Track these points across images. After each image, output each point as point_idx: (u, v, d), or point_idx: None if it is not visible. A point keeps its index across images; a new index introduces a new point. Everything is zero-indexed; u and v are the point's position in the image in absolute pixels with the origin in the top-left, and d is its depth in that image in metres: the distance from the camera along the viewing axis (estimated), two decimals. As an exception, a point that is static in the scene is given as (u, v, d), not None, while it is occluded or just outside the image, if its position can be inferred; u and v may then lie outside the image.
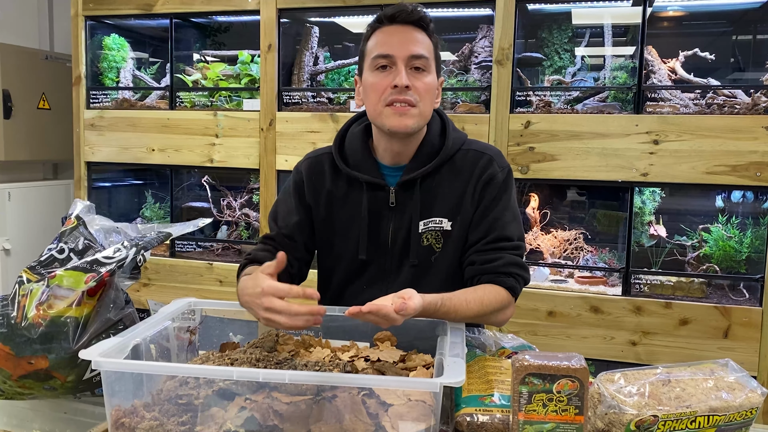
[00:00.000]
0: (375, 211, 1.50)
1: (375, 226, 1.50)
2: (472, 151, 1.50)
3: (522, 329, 2.65)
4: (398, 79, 1.37)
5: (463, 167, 1.49)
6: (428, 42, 1.42)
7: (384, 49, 1.39)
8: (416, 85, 1.39)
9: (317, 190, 1.54)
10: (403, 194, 1.48)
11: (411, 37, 1.40)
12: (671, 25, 2.92)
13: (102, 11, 3.25)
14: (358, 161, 1.51)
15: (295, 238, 1.54)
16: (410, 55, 1.38)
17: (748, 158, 2.42)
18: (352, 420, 1.00)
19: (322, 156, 1.57)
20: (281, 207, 1.59)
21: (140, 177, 3.70)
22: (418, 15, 1.41)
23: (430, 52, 1.42)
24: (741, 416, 1.05)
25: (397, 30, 1.40)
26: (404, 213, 1.48)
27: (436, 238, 1.48)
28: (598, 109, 2.63)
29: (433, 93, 1.44)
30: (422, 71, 1.40)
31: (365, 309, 1.12)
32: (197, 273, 3.14)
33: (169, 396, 1.07)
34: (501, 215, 1.46)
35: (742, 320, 2.45)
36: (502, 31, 2.64)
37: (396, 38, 1.39)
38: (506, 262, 1.43)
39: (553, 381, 1.00)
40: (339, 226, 1.54)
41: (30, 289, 1.23)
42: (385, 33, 1.41)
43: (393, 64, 1.39)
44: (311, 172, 1.56)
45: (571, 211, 3.00)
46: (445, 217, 1.47)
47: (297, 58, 3.10)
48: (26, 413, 1.29)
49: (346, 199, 1.52)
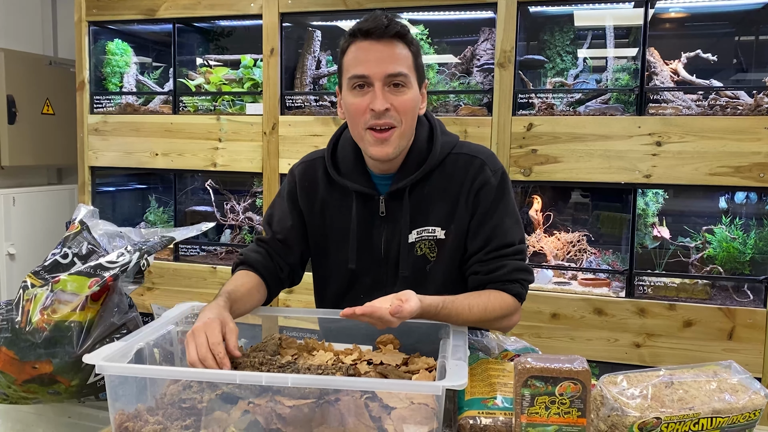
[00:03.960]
0: (366, 220, 1.47)
1: (367, 236, 1.48)
2: (462, 155, 1.46)
3: (526, 332, 2.65)
4: (375, 103, 1.32)
5: (455, 173, 1.45)
6: (407, 54, 1.36)
7: (360, 69, 1.34)
8: (395, 104, 1.34)
9: (310, 196, 1.52)
10: (393, 203, 1.45)
11: (388, 54, 1.33)
12: (673, 27, 2.91)
13: (105, 17, 3.26)
14: (349, 169, 1.48)
15: (288, 243, 1.53)
16: (387, 74, 1.33)
17: (751, 159, 2.41)
18: (355, 423, 1.00)
19: (316, 161, 1.55)
20: (276, 210, 1.57)
21: (144, 181, 3.72)
22: (395, 29, 1.34)
23: (410, 66, 1.36)
24: (744, 418, 1.05)
25: (373, 47, 1.33)
26: (396, 223, 1.46)
27: (430, 247, 1.46)
28: (601, 111, 2.63)
29: (415, 108, 1.39)
30: (401, 87, 1.35)
31: (359, 311, 1.13)
32: (201, 277, 3.15)
33: (172, 400, 1.07)
34: (500, 221, 1.44)
35: (746, 322, 2.44)
36: (504, 34, 2.65)
37: (372, 56, 1.33)
38: (510, 269, 1.41)
39: (555, 383, 0.99)
40: (332, 235, 1.52)
41: (34, 294, 1.23)
42: (361, 49, 1.35)
43: (370, 84, 1.34)
44: (304, 178, 1.54)
45: (574, 213, 3.00)
46: (438, 226, 1.44)
47: (299, 62, 3.10)
48: (31, 418, 1.30)
49: (338, 208, 1.50)
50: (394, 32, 1.34)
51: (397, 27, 1.34)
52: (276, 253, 1.52)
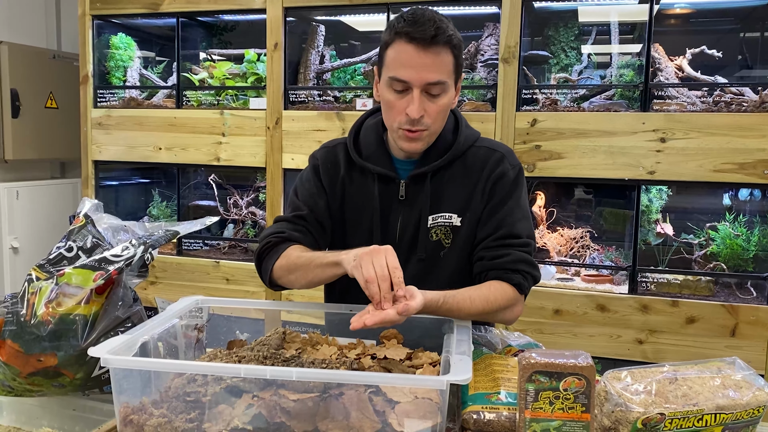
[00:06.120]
0: (385, 203, 1.50)
1: (384, 218, 1.50)
2: (483, 148, 1.50)
3: (528, 327, 2.65)
4: (411, 110, 1.34)
5: (474, 164, 1.48)
6: (448, 60, 1.35)
7: (401, 73, 1.34)
8: (430, 110, 1.36)
9: (332, 178, 1.54)
10: (414, 188, 1.48)
11: (431, 62, 1.32)
12: (678, 23, 2.91)
13: (109, 10, 3.26)
14: (372, 153, 1.51)
15: (324, 225, 1.53)
16: (427, 83, 1.33)
17: (755, 156, 2.41)
18: (358, 417, 1.00)
19: (337, 146, 1.57)
20: (304, 192, 1.55)
21: (147, 176, 3.72)
22: (442, 39, 1.32)
23: (449, 72, 1.36)
24: (748, 414, 1.05)
25: (418, 54, 1.32)
26: (413, 207, 1.48)
27: (445, 233, 1.48)
28: (605, 107, 2.62)
29: (448, 108, 1.42)
30: (438, 95, 1.36)
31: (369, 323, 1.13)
32: (204, 271, 3.15)
33: (177, 393, 1.07)
34: (511, 212, 1.45)
35: (749, 319, 2.44)
36: (509, 29, 2.64)
37: (415, 62, 1.32)
38: (514, 259, 1.42)
39: (559, 379, 1.00)
40: (350, 217, 1.54)
41: (39, 287, 1.23)
42: (405, 53, 1.33)
43: (408, 89, 1.35)
44: (327, 160, 1.56)
45: (578, 209, 3.00)
46: (455, 213, 1.47)
47: (303, 57, 3.10)
48: (35, 410, 1.30)
49: (358, 191, 1.52)
50: (441, 42, 1.32)
51: (444, 36, 1.32)
52: (315, 231, 1.52)
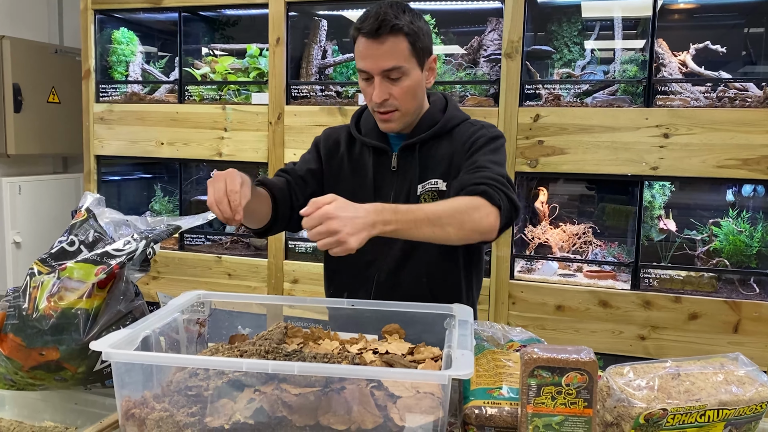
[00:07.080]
0: (379, 175, 1.61)
1: (378, 189, 1.61)
2: (468, 124, 1.61)
3: (530, 323, 2.65)
4: (375, 95, 1.48)
5: (461, 137, 1.58)
6: (402, 46, 1.45)
7: (361, 64, 1.49)
8: (394, 93, 1.48)
9: (332, 152, 1.68)
10: (404, 159, 1.59)
11: (382, 51, 1.45)
12: (682, 18, 2.89)
13: (111, 5, 3.25)
14: (370, 131, 1.64)
15: (307, 180, 1.64)
16: (383, 70, 1.46)
17: (759, 152, 2.40)
18: (360, 412, 1.00)
19: (340, 128, 1.72)
20: (300, 160, 1.71)
21: (149, 170, 3.72)
22: (386, 30, 1.43)
23: (406, 56, 1.46)
24: (751, 410, 1.04)
25: (370, 45, 1.45)
26: (405, 177, 1.59)
27: (433, 198, 1.55)
28: (608, 103, 2.61)
29: (416, 89, 1.51)
30: (399, 79, 1.47)
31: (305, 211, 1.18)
32: (206, 266, 3.15)
33: (178, 387, 1.07)
34: (486, 158, 1.48)
35: (752, 315, 2.43)
36: (512, 24, 2.63)
37: (369, 53, 1.46)
38: (482, 176, 1.41)
39: (561, 374, 0.99)
40: (346, 187, 1.60)
41: (41, 281, 1.23)
42: (360, 45, 1.48)
43: (371, 77, 1.48)
44: (329, 139, 1.70)
45: (580, 205, 2.99)
46: (440, 178, 1.56)
47: (305, 52, 3.09)
48: (37, 404, 1.30)
49: (356, 165, 1.64)
50: (385, 32, 1.43)
51: (387, 26, 1.43)
52: (295, 183, 1.62)
